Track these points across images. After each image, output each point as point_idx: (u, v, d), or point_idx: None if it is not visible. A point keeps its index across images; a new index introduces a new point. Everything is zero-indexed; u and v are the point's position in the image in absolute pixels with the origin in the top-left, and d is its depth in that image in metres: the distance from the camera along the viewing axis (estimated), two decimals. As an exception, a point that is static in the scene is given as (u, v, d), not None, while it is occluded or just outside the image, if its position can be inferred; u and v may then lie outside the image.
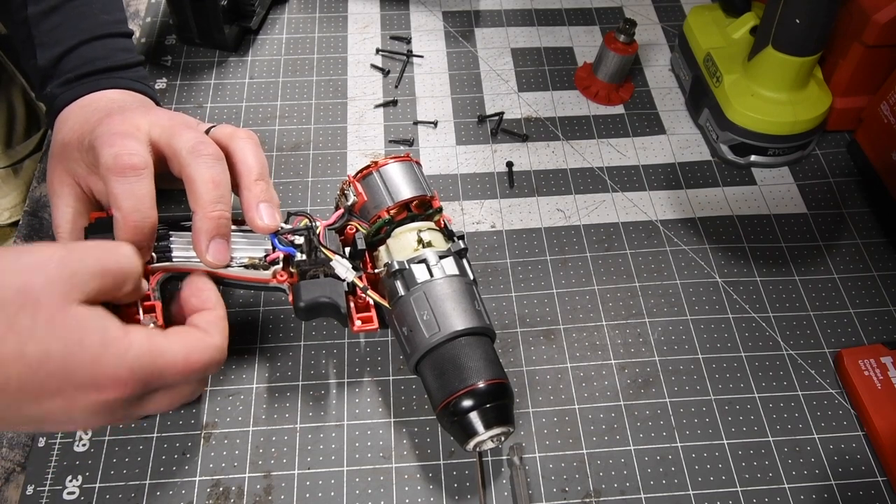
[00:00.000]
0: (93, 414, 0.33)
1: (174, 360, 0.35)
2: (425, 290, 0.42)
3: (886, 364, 0.47)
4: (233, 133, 0.43)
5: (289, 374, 0.48)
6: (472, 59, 0.66)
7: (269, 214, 0.42)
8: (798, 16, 0.51)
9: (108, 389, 0.33)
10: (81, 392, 0.32)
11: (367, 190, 0.46)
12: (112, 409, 0.34)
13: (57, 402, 0.32)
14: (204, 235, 0.39)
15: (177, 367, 0.35)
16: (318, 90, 0.63)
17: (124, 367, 0.33)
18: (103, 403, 0.33)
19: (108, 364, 0.33)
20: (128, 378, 0.33)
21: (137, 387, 0.34)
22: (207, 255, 0.40)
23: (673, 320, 0.51)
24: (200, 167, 0.39)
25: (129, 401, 0.34)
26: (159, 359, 0.34)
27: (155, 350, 0.34)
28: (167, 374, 0.35)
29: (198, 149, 0.40)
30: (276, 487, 0.43)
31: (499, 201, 0.57)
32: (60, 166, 0.44)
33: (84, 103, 0.46)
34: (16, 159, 0.73)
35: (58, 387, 0.32)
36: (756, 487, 0.44)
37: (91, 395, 0.33)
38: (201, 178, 0.39)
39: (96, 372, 0.32)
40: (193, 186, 0.39)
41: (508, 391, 0.41)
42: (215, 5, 0.61)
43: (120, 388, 0.33)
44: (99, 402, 0.33)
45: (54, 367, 0.32)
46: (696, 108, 0.62)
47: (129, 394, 0.34)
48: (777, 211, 0.57)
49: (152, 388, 0.35)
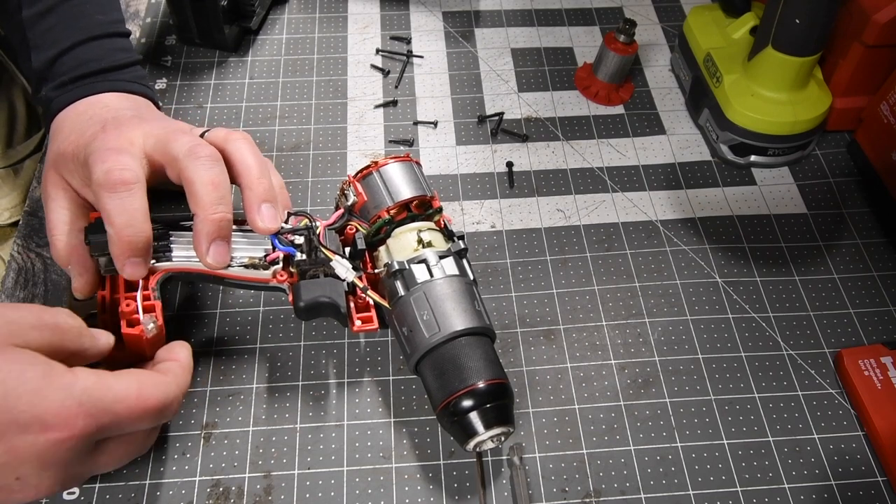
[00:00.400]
0: (41, 465, 0.31)
1: (126, 394, 0.33)
2: (425, 290, 0.42)
3: (886, 364, 0.47)
4: (227, 135, 0.43)
5: (289, 374, 0.48)
6: (472, 60, 0.66)
7: (271, 216, 0.41)
8: (798, 16, 0.51)
9: (55, 428, 0.30)
10: (25, 433, 0.30)
11: (367, 190, 0.46)
12: (63, 457, 0.31)
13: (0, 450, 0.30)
14: (204, 238, 0.39)
15: (128, 401, 0.33)
16: (318, 90, 0.63)
17: (72, 399, 0.31)
18: (53, 449, 0.31)
19: (52, 398, 0.31)
20: (77, 412, 0.31)
21: (89, 424, 0.31)
22: (208, 258, 0.40)
23: (673, 320, 0.51)
24: (199, 169, 0.39)
25: (81, 447, 0.32)
26: (109, 392, 0.32)
27: (104, 384, 0.33)
28: (119, 410, 0.33)
29: (194, 152, 0.39)
30: (276, 487, 0.43)
31: (499, 201, 0.57)
32: (56, 174, 0.43)
33: (80, 110, 0.45)
34: (16, 159, 0.73)
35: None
36: (756, 487, 0.44)
37: (37, 435, 0.30)
38: (200, 181, 0.39)
39: (40, 406, 0.30)
40: (193, 189, 0.39)
41: (508, 391, 0.41)
42: (215, 5, 0.61)
43: (69, 425, 0.31)
44: (48, 447, 0.30)
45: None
46: (696, 108, 0.62)
47: (78, 433, 0.31)
48: (777, 211, 0.57)
49: (104, 427, 0.32)
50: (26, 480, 0.31)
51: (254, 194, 0.41)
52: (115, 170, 0.38)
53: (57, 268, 0.51)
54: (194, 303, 0.50)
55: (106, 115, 0.44)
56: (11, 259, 0.52)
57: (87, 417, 0.31)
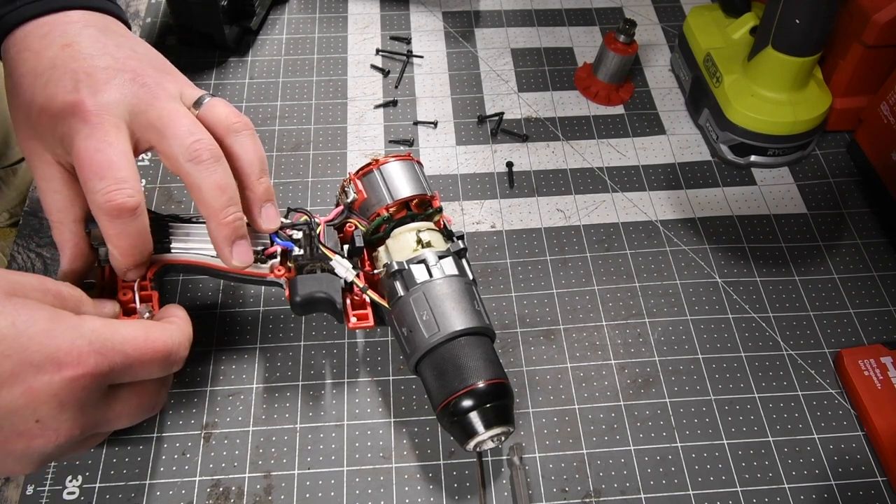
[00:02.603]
0: (59, 406, 0.31)
1: (134, 336, 0.34)
2: (424, 290, 0.42)
3: (886, 364, 0.47)
4: (229, 126, 0.40)
5: (289, 374, 0.48)
6: (472, 60, 0.66)
7: (272, 216, 0.41)
8: (798, 16, 0.51)
9: (68, 366, 0.31)
10: (40, 373, 0.30)
11: (368, 187, 0.46)
12: (79, 397, 0.32)
13: (17, 392, 0.30)
14: (225, 242, 0.39)
15: (137, 342, 0.34)
16: (318, 90, 0.63)
17: (82, 338, 0.32)
18: (68, 387, 0.31)
19: (63, 337, 0.31)
20: (88, 350, 0.31)
21: (100, 362, 0.32)
22: (234, 261, 0.39)
23: (673, 320, 0.51)
24: (202, 174, 0.37)
25: (95, 386, 0.32)
26: (117, 333, 0.33)
27: (111, 326, 0.33)
28: (129, 350, 0.33)
29: (196, 155, 0.37)
30: (276, 487, 0.43)
31: (499, 201, 0.57)
32: (35, 141, 0.38)
33: (39, 33, 0.39)
34: (15, 160, 0.73)
35: (12, 370, 0.30)
36: (756, 487, 0.44)
37: (52, 374, 0.31)
38: (207, 187, 0.38)
39: (51, 345, 0.31)
40: (200, 195, 0.38)
41: (508, 391, 0.41)
42: (215, 5, 0.61)
43: (81, 362, 0.31)
44: (63, 385, 0.31)
45: (6, 346, 0.30)
46: (696, 108, 0.62)
47: (91, 369, 0.31)
48: (777, 211, 0.57)
49: (116, 368, 0.33)
50: (46, 423, 0.31)
51: (255, 195, 0.41)
52: (115, 194, 0.35)
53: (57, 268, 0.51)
54: (194, 303, 0.50)
55: (73, 64, 0.38)
56: (12, 259, 0.52)
57: (98, 355, 0.32)
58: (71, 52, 0.38)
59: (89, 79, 0.37)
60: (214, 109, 0.40)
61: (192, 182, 0.38)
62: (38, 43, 0.39)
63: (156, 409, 0.37)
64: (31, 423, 0.31)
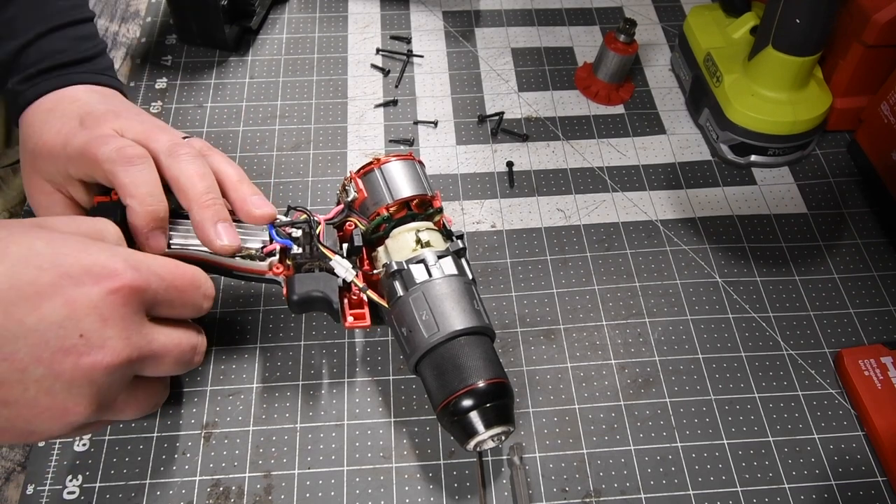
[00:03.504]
0: (101, 319, 0.31)
1: (165, 262, 0.35)
2: (424, 290, 0.42)
3: (886, 364, 0.47)
4: (203, 147, 0.43)
5: (289, 374, 0.48)
6: (472, 59, 0.66)
7: (262, 203, 0.42)
8: (798, 16, 0.51)
9: (105, 278, 0.31)
10: (79, 285, 0.31)
11: (368, 187, 0.46)
12: (120, 312, 0.32)
13: (57, 303, 0.30)
14: (208, 223, 0.40)
15: (169, 266, 0.35)
16: (319, 90, 0.63)
17: (117, 256, 0.33)
18: (109, 299, 0.31)
19: (98, 253, 0.32)
20: (124, 266, 0.32)
21: (136, 278, 0.32)
22: (220, 241, 0.40)
23: (673, 320, 0.51)
24: (181, 164, 0.40)
25: (135, 302, 0.33)
26: (149, 257, 0.34)
27: (144, 252, 0.35)
28: (162, 273, 0.34)
29: (175, 150, 0.40)
30: (276, 487, 0.43)
31: (499, 201, 0.57)
32: (38, 179, 0.43)
33: (48, 106, 0.45)
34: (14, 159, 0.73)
35: (51, 281, 0.30)
36: (756, 487, 0.44)
37: (90, 287, 0.31)
38: (185, 175, 0.40)
39: (87, 259, 0.32)
40: (179, 184, 0.40)
41: (508, 390, 0.41)
42: (215, 5, 0.61)
43: (119, 275, 0.32)
44: (102, 297, 0.31)
45: (43, 261, 0.31)
46: (696, 108, 0.62)
47: (129, 282, 0.32)
48: (777, 211, 0.57)
49: (151, 289, 0.33)
50: (90, 338, 0.31)
51: (239, 194, 0.42)
52: (126, 147, 0.39)
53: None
54: (194, 302, 0.50)
55: (79, 110, 0.43)
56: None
57: (134, 271, 0.33)
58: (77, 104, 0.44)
59: (91, 116, 0.42)
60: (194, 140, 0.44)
61: (172, 174, 0.40)
62: (49, 105, 0.45)
63: (196, 359, 0.38)
64: (75, 337, 0.31)
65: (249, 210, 0.42)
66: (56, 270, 0.31)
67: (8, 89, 0.47)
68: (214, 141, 0.58)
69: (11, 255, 0.30)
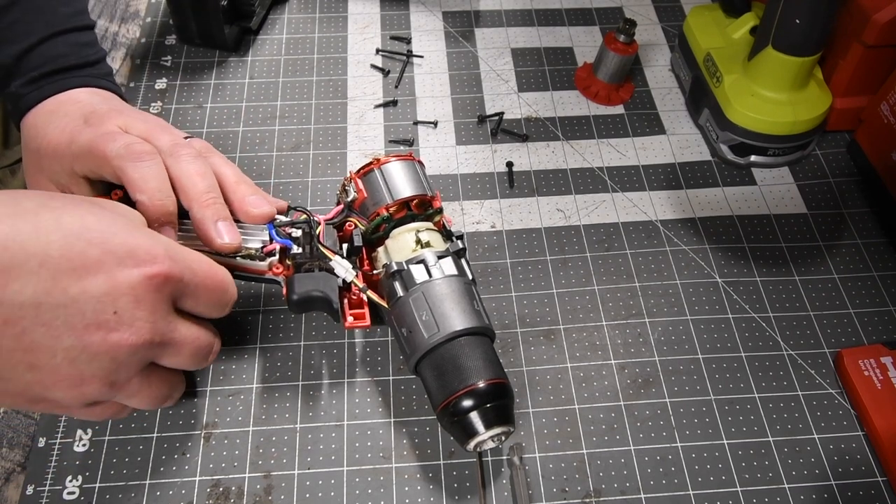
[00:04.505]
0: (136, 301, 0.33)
1: (200, 258, 0.37)
2: (424, 290, 0.42)
3: (886, 364, 0.47)
4: (206, 147, 0.44)
5: (289, 374, 0.48)
6: (472, 59, 0.66)
7: (260, 202, 0.43)
8: (798, 16, 0.51)
9: (147, 262, 0.33)
10: (122, 265, 0.32)
11: (368, 187, 0.46)
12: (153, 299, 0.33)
13: (101, 279, 0.32)
14: (209, 222, 0.40)
15: (203, 263, 0.37)
16: (318, 90, 0.63)
17: (159, 244, 0.34)
18: (145, 284, 0.33)
19: (142, 238, 0.34)
20: (164, 254, 0.34)
21: (173, 269, 0.34)
22: (220, 239, 0.40)
23: (673, 320, 0.51)
24: (182, 164, 0.40)
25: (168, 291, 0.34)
26: (186, 251, 0.36)
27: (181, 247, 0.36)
28: (197, 269, 0.36)
29: (175, 150, 0.41)
30: (276, 487, 0.43)
31: (499, 201, 0.57)
32: (43, 179, 0.44)
33: (51, 108, 0.45)
34: (13, 160, 0.73)
35: (98, 257, 0.32)
36: (756, 487, 0.44)
37: (131, 269, 0.33)
38: (186, 174, 0.40)
39: (132, 242, 0.33)
40: (180, 183, 0.40)
41: (508, 391, 0.41)
42: (215, 5, 0.61)
43: (159, 262, 0.33)
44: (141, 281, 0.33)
45: (93, 236, 0.32)
46: (696, 108, 0.62)
47: (166, 271, 0.34)
48: (777, 211, 0.57)
49: (186, 281, 0.35)
50: (122, 316, 0.32)
51: (237, 195, 0.43)
52: (134, 143, 0.40)
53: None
54: (194, 303, 0.50)
55: (83, 110, 0.44)
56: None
57: (172, 261, 0.34)
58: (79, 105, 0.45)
59: (95, 114, 0.43)
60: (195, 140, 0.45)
61: (173, 173, 0.40)
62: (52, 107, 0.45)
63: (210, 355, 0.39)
64: (109, 313, 0.32)
65: (248, 210, 0.42)
66: (103, 247, 0.32)
67: (10, 92, 0.47)
68: (214, 141, 0.58)
69: (65, 226, 0.32)
